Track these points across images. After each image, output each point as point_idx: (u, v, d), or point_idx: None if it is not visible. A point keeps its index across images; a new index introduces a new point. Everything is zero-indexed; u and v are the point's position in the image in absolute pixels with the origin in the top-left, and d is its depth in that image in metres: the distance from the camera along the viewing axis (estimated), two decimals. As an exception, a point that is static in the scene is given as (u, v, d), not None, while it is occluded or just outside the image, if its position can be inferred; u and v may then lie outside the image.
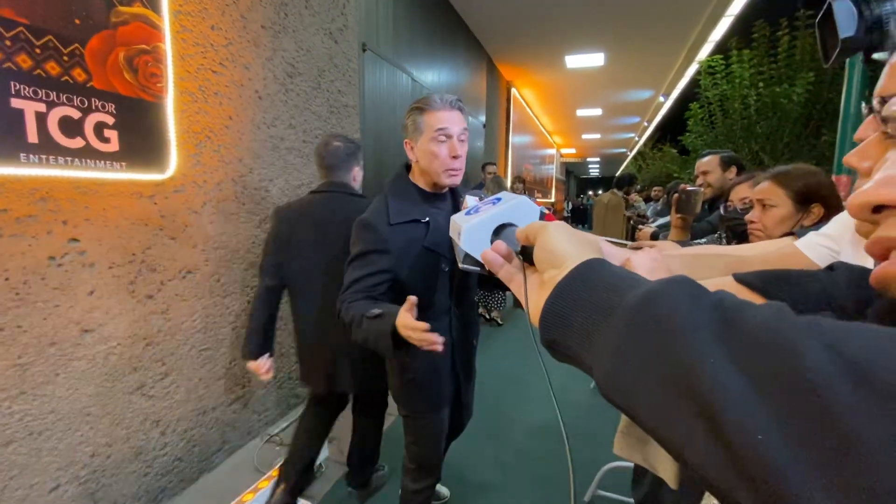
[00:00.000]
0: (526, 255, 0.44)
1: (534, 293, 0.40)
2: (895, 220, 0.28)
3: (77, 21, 1.42)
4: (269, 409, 2.40)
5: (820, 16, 0.60)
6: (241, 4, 2.03)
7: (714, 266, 0.81)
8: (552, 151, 14.74)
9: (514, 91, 8.31)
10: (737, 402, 0.22)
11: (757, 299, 0.48)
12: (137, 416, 1.71)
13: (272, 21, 2.22)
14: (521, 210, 0.51)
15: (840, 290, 0.44)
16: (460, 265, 0.52)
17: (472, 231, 0.50)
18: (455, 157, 1.18)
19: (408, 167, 1.31)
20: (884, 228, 0.28)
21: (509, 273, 0.46)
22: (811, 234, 0.80)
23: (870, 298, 0.37)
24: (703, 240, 1.71)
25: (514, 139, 8.56)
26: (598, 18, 5.27)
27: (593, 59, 6.69)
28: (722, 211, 1.51)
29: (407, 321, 0.97)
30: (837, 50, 0.57)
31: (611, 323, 0.30)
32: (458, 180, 1.23)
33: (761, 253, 0.85)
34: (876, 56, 0.63)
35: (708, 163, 2.13)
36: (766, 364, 0.22)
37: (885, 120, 0.37)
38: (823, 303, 0.44)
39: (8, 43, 1.27)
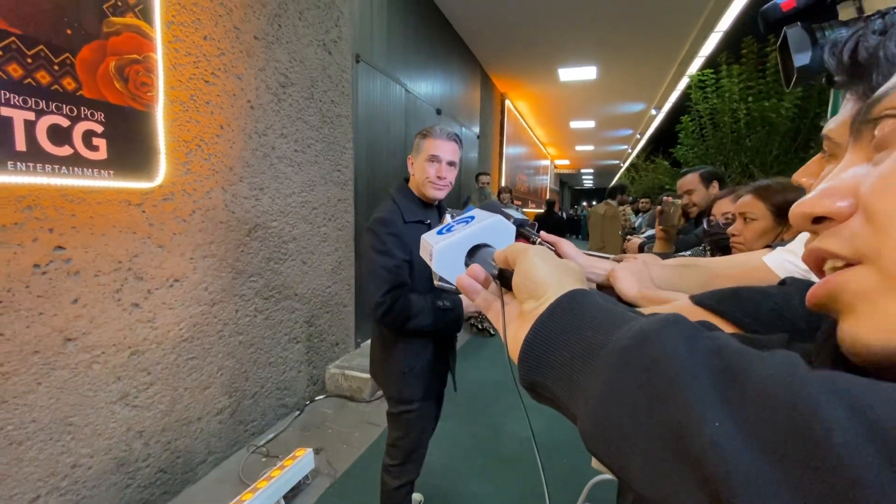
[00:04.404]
0: (504, 279, 0.41)
1: (513, 324, 0.37)
2: (831, 233, 0.27)
3: (69, 31, 1.43)
4: (256, 420, 2.38)
5: (780, 41, 0.61)
6: (234, 15, 2.05)
7: (693, 278, 0.82)
8: (546, 162, 14.85)
9: (507, 103, 8.39)
10: (748, 477, 0.19)
11: (715, 320, 0.49)
12: (120, 427, 1.69)
13: (265, 32, 2.25)
14: (495, 230, 0.47)
15: (793, 308, 0.44)
16: (436, 283, 0.51)
17: (443, 253, 0.46)
18: (440, 178, 1.43)
19: (406, 179, 1.52)
20: (819, 239, 0.28)
21: (486, 301, 0.42)
22: (779, 250, 0.81)
23: (822, 317, 0.37)
24: (688, 252, 1.73)
25: (507, 150, 8.62)
26: (590, 32, 5.36)
27: (586, 73, 6.79)
28: (705, 225, 1.54)
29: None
30: (795, 77, 0.58)
31: (596, 366, 0.27)
32: (440, 194, 1.46)
33: (732, 266, 0.87)
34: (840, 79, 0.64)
35: (690, 181, 2.14)
36: (781, 430, 0.19)
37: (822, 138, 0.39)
38: (776, 321, 0.44)
39: (-1, 52, 1.28)
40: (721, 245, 1.43)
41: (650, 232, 3.01)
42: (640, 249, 2.28)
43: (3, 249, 1.34)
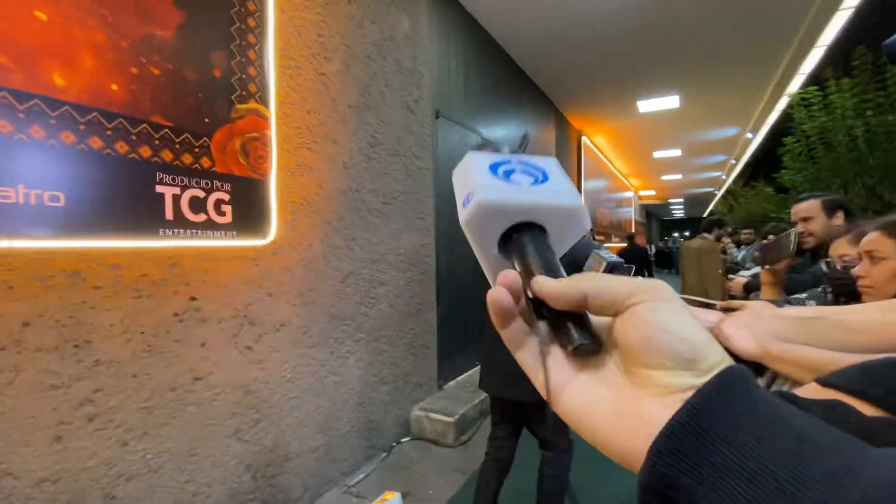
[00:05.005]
0: (537, 307, 0.27)
1: (590, 386, 0.26)
2: None
3: (206, 120, 1.74)
4: (347, 460, 2.48)
5: None
6: (332, 89, 2.34)
7: (820, 333, 0.70)
8: (629, 194, 14.22)
9: (584, 139, 8.30)
10: None
11: (849, 400, 0.40)
12: (232, 460, 1.86)
13: (357, 100, 2.52)
14: (570, 217, 0.31)
15: None
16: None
17: (490, 206, 0.29)
18: None
19: None
20: None
21: (517, 335, 0.28)
22: None
23: None
24: (804, 294, 1.55)
25: (586, 185, 8.45)
26: (670, 63, 5.21)
27: (667, 102, 6.54)
28: (824, 268, 1.36)
29: None
30: None
31: (816, 497, 0.18)
32: None
33: (869, 319, 0.73)
34: None
35: (809, 208, 1.89)
36: None
37: None
38: None
39: (157, 142, 1.59)
40: (846, 290, 1.26)
41: (756, 269, 2.73)
42: (747, 290, 2.07)
43: (152, 301, 1.60)
